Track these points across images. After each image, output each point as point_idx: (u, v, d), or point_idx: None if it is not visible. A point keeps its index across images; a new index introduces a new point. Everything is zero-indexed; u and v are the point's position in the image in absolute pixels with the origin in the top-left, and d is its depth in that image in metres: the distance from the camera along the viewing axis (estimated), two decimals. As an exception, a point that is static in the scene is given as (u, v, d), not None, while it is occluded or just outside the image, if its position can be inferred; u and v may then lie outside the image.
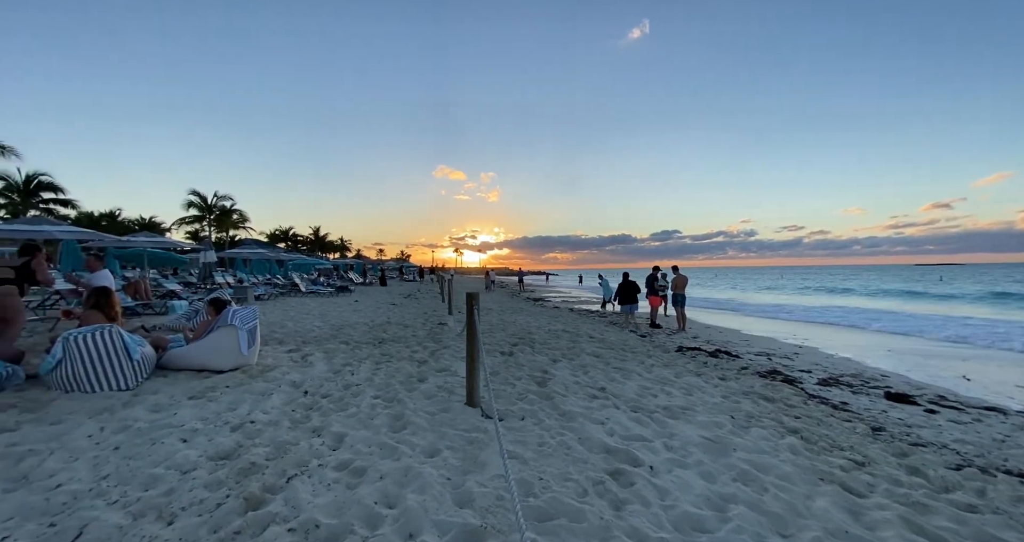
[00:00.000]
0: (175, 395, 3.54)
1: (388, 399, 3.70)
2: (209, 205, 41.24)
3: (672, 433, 3.20)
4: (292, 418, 3.16)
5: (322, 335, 7.05)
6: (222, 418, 3.08)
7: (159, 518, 1.86)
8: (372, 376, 4.48)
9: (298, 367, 4.73)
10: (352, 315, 10.30)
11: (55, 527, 1.76)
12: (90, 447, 2.53)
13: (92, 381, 3.51)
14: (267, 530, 1.79)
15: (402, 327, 8.32)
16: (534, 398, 3.89)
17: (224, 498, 2.03)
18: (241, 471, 2.30)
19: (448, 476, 2.35)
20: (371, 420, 3.18)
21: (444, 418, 3.26)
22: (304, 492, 2.10)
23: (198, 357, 4.34)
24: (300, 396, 3.71)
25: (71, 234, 8.83)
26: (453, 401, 3.66)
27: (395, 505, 2.04)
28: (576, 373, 4.99)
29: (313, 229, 67.93)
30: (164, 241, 13.00)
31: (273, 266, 24.84)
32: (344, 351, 5.72)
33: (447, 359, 5.37)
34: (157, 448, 2.54)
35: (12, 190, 26.99)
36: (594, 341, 7.54)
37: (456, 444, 2.79)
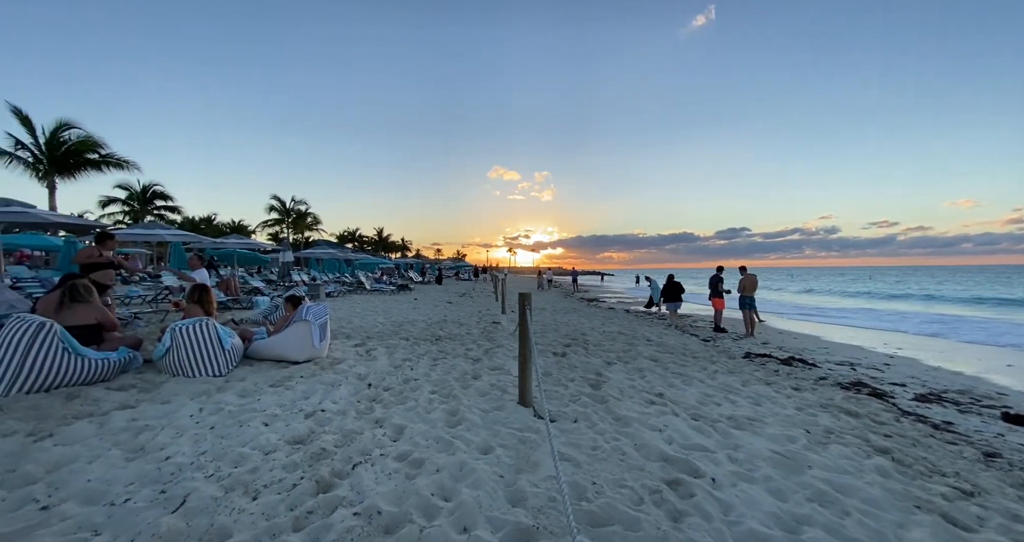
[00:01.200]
0: (258, 383, 3.92)
1: (444, 395, 3.83)
2: (287, 209, 45.19)
3: (737, 445, 3.00)
4: (357, 409, 3.38)
5: (384, 331, 7.46)
6: (297, 406, 3.37)
7: (246, 493, 2.08)
8: (429, 372, 4.66)
9: (363, 361, 5.04)
10: (411, 312, 10.77)
11: (165, 494, 2.03)
12: (191, 425, 2.89)
13: (193, 367, 3.99)
14: (335, 512, 1.93)
15: (457, 325, 8.56)
16: (587, 401, 3.83)
17: (299, 480, 2.22)
18: (313, 456, 2.50)
19: (501, 474, 2.39)
20: (428, 414, 3.31)
21: (497, 416, 3.31)
22: (368, 479, 2.24)
23: (277, 349, 4.77)
24: (364, 388, 3.95)
25: (178, 237, 10.12)
26: (506, 400, 3.71)
27: (451, 498, 2.11)
28: (632, 377, 4.84)
29: (377, 230, 72.03)
30: (250, 243, 14.46)
31: (342, 265, 26.68)
32: (404, 347, 6.01)
33: (500, 358, 5.45)
34: (244, 430, 2.84)
35: (133, 199, 31.42)
36: (652, 344, 7.26)
37: (509, 443, 2.82)
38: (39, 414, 2.92)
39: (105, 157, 20.34)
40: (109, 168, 20.66)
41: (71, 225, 7.32)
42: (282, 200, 44.85)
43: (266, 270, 24.77)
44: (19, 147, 18.56)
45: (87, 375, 3.59)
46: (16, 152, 18.49)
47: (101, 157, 20.20)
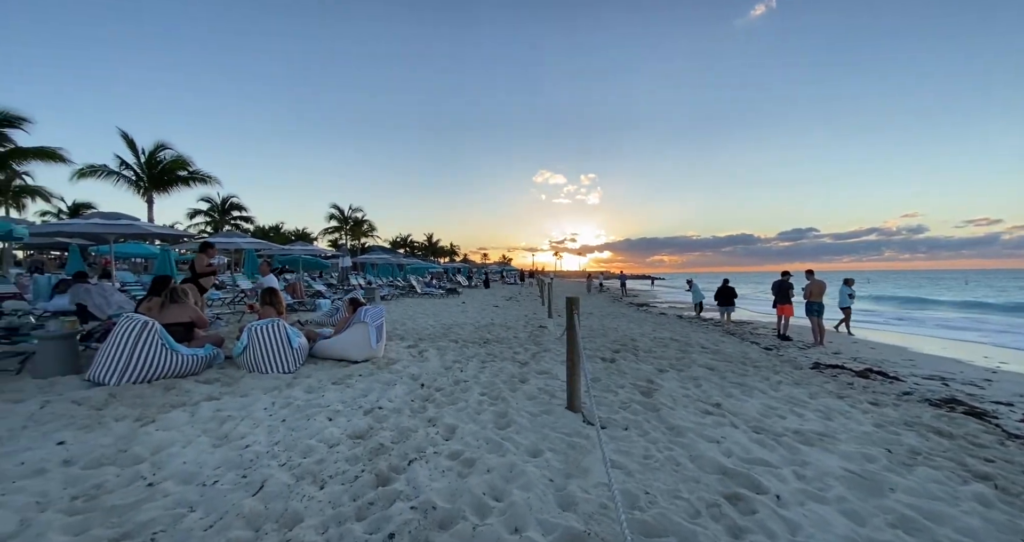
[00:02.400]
0: (322, 380, 4.21)
1: (493, 397, 3.90)
2: (345, 217, 48.01)
3: (805, 461, 2.79)
4: (412, 407, 3.52)
5: (435, 333, 7.70)
6: (357, 403, 3.58)
7: (314, 482, 2.25)
8: (478, 374, 4.76)
9: (416, 362, 5.25)
10: (460, 316, 11.03)
11: (246, 478, 2.24)
12: (266, 418, 3.16)
13: (266, 364, 4.36)
14: (394, 505, 2.04)
15: (504, 328, 8.65)
16: (638, 408, 3.74)
17: (360, 472, 2.36)
18: (372, 450, 2.64)
19: (551, 477, 2.40)
20: (478, 415, 3.39)
21: (545, 420, 3.32)
22: (423, 475, 2.34)
23: (338, 349, 5.09)
24: (418, 388, 4.11)
25: (251, 244, 11.12)
26: (554, 404, 3.70)
27: (501, 498, 2.15)
28: (686, 385, 4.65)
29: (427, 236, 74.48)
30: (313, 249, 15.53)
31: (395, 270, 27.88)
32: (454, 349, 6.17)
33: (547, 362, 5.45)
34: (311, 423, 3.06)
35: (214, 210, 34.86)
36: (707, 352, 6.92)
37: (558, 447, 2.82)
38: (143, 402, 3.34)
39: (192, 173, 22.78)
40: (195, 183, 23.10)
41: (165, 235, 8.29)
42: (340, 208, 47.74)
43: (327, 274, 26.43)
44: (124, 167, 21.28)
45: (180, 369, 4.04)
46: (122, 171, 21.20)
47: (189, 173, 22.65)
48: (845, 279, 10.97)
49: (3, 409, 3.07)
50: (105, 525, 1.81)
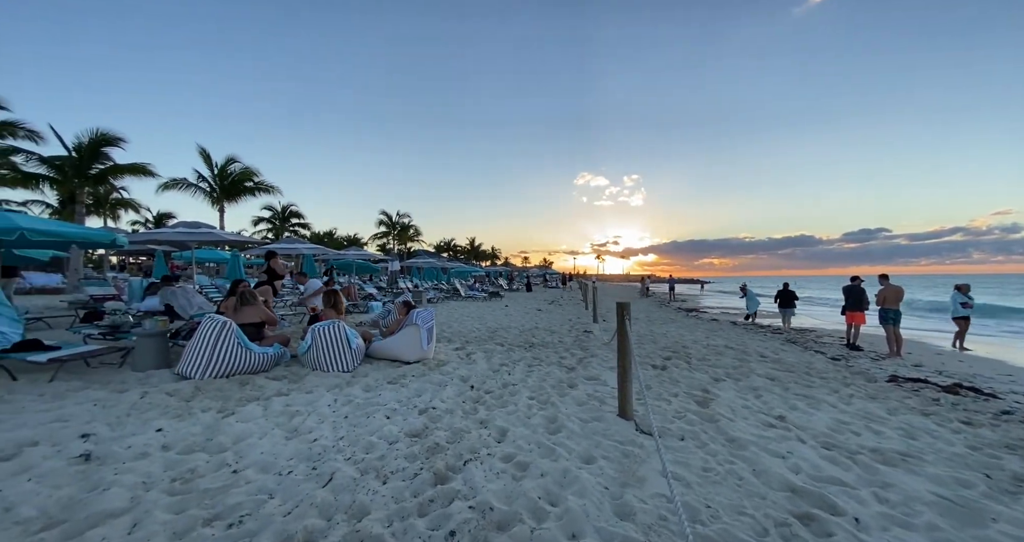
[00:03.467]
0: (379, 379, 4.41)
1: (542, 401, 3.90)
2: (393, 222, 49.96)
3: (886, 483, 2.57)
4: (463, 409, 3.61)
5: (481, 336, 7.83)
6: (412, 402, 3.71)
7: (377, 477, 2.36)
8: (526, 378, 4.78)
9: (464, 364, 5.36)
10: (504, 319, 11.13)
11: (316, 470, 2.40)
12: (330, 414, 3.36)
13: (327, 363, 4.64)
14: (453, 504, 2.10)
15: (549, 333, 8.63)
16: (694, 418, 3.60)
17: (419, 470, 2.45)
18: (429, 449, 2.74)
19: (605, 485, 2.37)
20: (528, 419, 3.41)
21: (597, 427, 3.28)
22: (478, 476, 2.39)
23: (392, 350, 5.31)
24: (467, 390, 4.20)
25: (310, 249, 11.89)
26: (605, 411, 3.65)
27: (557, 504, 2.15)
28: (745, 396, 4.42)
29: (469, 240, 75.83)
30: (365, 254, 16.31)
31: (439, 273, 28.64)
32: (500, 352, 6.24)
33: (595, 368, 5.37)
34: (370, 421, 3.22)
35: (275, 217, 37.48)
36: (767, 361, 6.53)
37: (611, 454, 2.78)
38: (224, 395, 3.66)
39: (257, 184, 24.69)
40: (260, 193, 25.02)
41: (237, 241, 9.05)
42: (388, 214, 49.74)
43: (376, 278, 27.61)
44: (201, 179, 23.46)
45: (253, 366, 4.39)
46: (199, 184, 23.39)
47: (255, 184, 24.57)
48: (957, 285, 9.72)
49: (111, 398, 3.48)
50: (200, 506, 2.00)
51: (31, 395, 3.50)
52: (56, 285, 16.43)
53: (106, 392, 3.63)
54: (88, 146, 16.85)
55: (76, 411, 3.16)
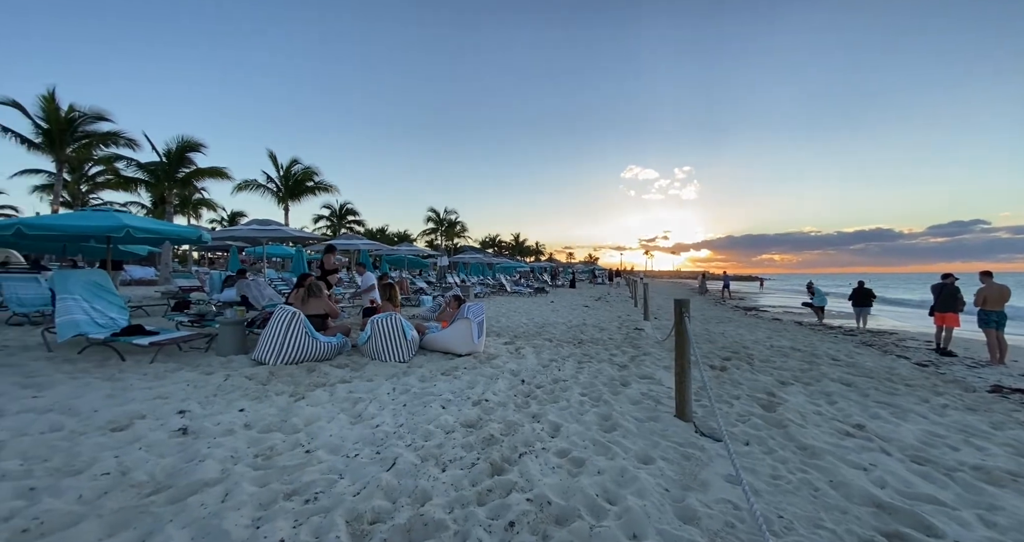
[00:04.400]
0: (433, 370, 4.55)
1: (594, 399, 3.85)
2: (441, 219, 51.27)
3: (993, 505, 2.28)
4: (515, 402, 3.64)
5: (529, 331, 7.85)
6: (465, 394, 3.80)
7: (436, 464, 2.44)
8: (576, 374, 4.73)
9: (514, 358, 5.40)
10: (551, 315, 11.09)
11: (380, 455, 2.52)
12: (389, 401, 3.51)
13: (385, 353, 4.85)
14: (511, 495, 2.12)
15: (598, 329, 8.48)
16: (759, 422, 3.39)
17: (476, 459, 2.51)
18: (484, 440, 2.79)
19: (666, 487, 2.29)
20: (581, 416, 3.37)
21: (653, 427, 3.18)
22: (534, 469, 2.40)
23: (444, 342, 5.45)
24: (519, 384, 4.22)
25: (366, 245, 12.47)
26: (661, 411, 3.53)
27: (615, 502, 2.11)
28: (816, 401, 4.10)
29: (514, 235, 76.17)
30: (416, 249, 16.88)
31: (485, 269, 29.03)
32: (549, 348, 6.22)
33: (649, 366, 5.21)
34: (427, 410, 3.33)
35: (333, 215, 39.74)
36: (840, 365, 6.02)
37: (670, 456, 2.69)
38: (295, 381, 3.94)
39: (317, 184, 26.29)
40: (319, 192, 26.64)
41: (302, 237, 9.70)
42: (436, 211, 51.10)
43: (425, 273, 28.51)
44: (269, 180, 25.34)
45: (319, 354, 4.69)
46: (267, 185, 25.29)
47: (315, 184, 26.19)
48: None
49: (200, 379, 3.87)
50: (280, 481, 2.17)
51: (137, 374, 3.96)
52: (151, 277, 18.50)
53: (196, 374, 4.04)
54: (175, 152, 18.75)
55: (173, 390, 3.54)
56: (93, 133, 17.81)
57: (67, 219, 5.36)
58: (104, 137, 17.93)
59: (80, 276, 5.10)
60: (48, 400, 3.18)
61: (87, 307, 4.85)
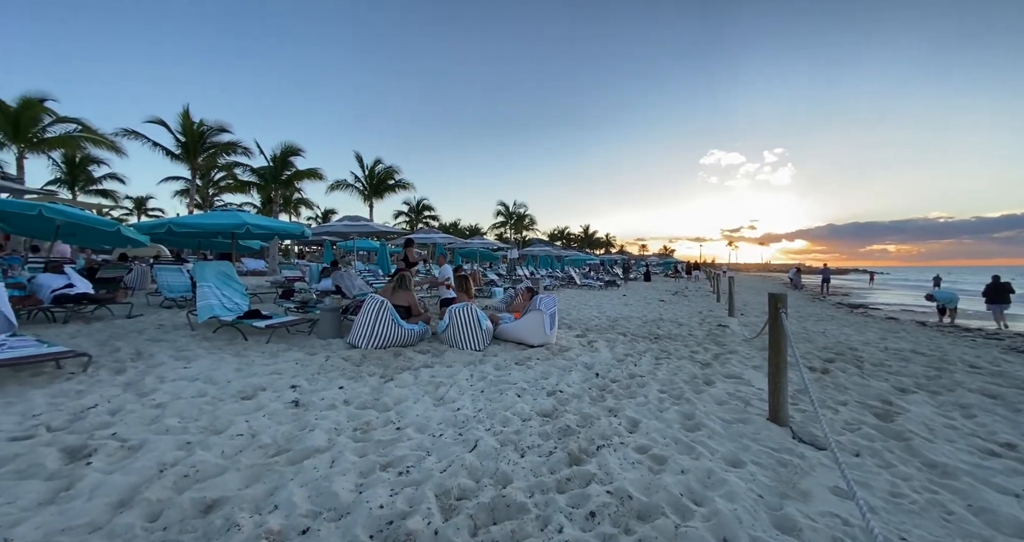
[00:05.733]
0: (507, 360, 4.67)
1: (675, 396, 3.68)
2: (510, 212, 52.00)
3: None
4: (590, 395, 3.61)
5: (601, 325, 7.70)
6: (539, 384, 3.84)
7: (515, 450, 2.51)
8: (654, 370, 4.56)
9: (587, 351, 5.34)
10: (624, 309, 10.76)
11: (462, 437, 2.66)
12: (468, 387, 3.68)
13: (462, 341, 5.08)
14: (590, 486, 2.12)
15: (676, 325, 8.06)
16: (872, 433, 3.01)
17: (553, 448, 2.54)
18: (561, 430, 2.81)
19: (759, 493, 2.13)
20: (661, 413, 3.25)
21: (742, 429, 2.97)
22: (613, 463, 2.37)
23: (517, 333, 5.56)
24: (593, 377, 4.18)
25: (442, 239, 13.10)
26: (751, 413, 3.28)
27: (702, 504, 2.02)
28: (949, 413, 3.52)
29: (583, 227, 74.83)
30: (487, 242, 17.34)
31: (553, 261, 28.92)
32: (623, 342, 6.05)
33: (735, 365, 4.85)
34: (503, 397, 3.43)
35: (412, 211, 42.21)
36: (979, 373, 5.09)
37: (763, 461, 2.49)
38: (384, 364, 4.29)
39: (397, 182, 28.10)
40: (399, 189, 28.43)
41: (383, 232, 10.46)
42: (506, 205, 51.92)
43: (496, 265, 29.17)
44: (356, 180, 27.61)
45: (404, 340, 5.04)
46: (355, 184, 27.58)
47: (396, 182, 28.00)
48: None
49: (306, 359, 4.37)
50: (376, 454, 2.39)
51: (256, 352, 4.58)
52: (262, 268, 21.18)
53: (302, 354, 4.57)
54: (280, 157, 21.18)
55: (285, 367, 4.04)
56: (217, 143, 20.76)
57: (203, 218, 6.34)
58: (226, 146, 20.82)
59: (213, 267, 6.00)
60: (194, 371, 3.82)
61: (219, 293, 5.71)
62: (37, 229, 7.81)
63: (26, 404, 2.92)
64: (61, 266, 6.61)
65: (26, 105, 17.08)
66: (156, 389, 3.30)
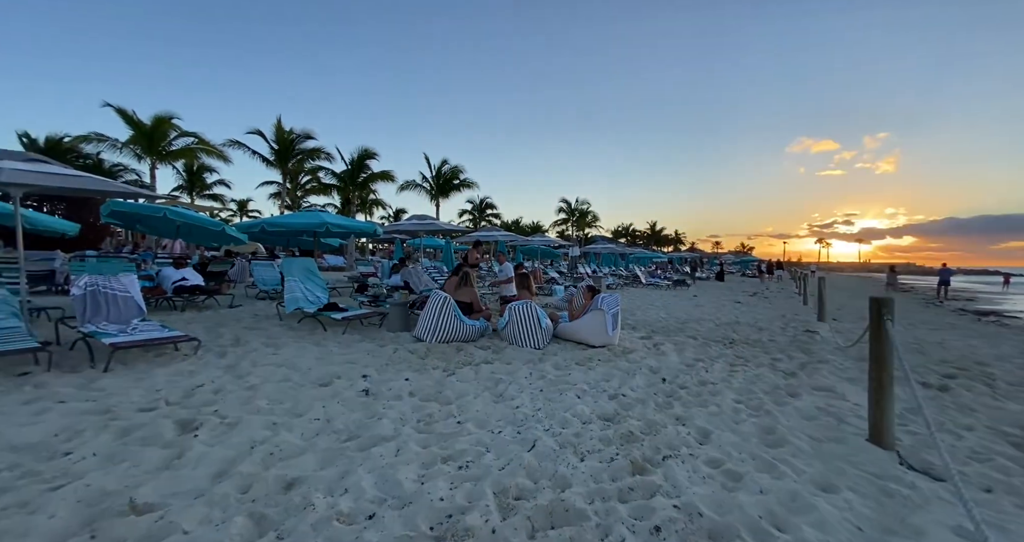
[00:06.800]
0: (567, 359, 4.58)
1: (753, 407, 3.37)
2: (572, 209, 51.33)
3: None
4: (656, 401, 3.41)
5: (669, 327, 7.30)
6: (600, 386, 3.72)
7: (575, 453, 2.44)
8: (728, 377, 4.21)
9: (652, 354, 5.08)
10: (694, 310, 10.12)
11: (520, 435, 2.65)
12: (527, 385, 3.66)
13: (522, 338, 5.08)
14: (654, 497, 2.00)
15: (755, 329, 7.40)
16: (1009, 465, 2.51)
17: (615, 455, 2.43)
18: (623, 436, 2.68)
19: (857, 525, 1.87)
20: (736, 425, 2.99)
21: (835, 450, 2.63)
22: (681, 475, 2.21)
23: (577, 332, 5.44)
24: (658, 382, 3.95)
25: (504, 237, 13.30)
26: (846, 432, 2.90)
27: (785, 530, 1.81)
28: (1119, 450, 2.83)
29: (650, 224, 71.75)
30: (548, 240, 17.27)
31: (617, 259, 28.01)
32: (693, 346, 5.68)
33: (826, 376, 4.33)
34: (563, 397, 3.37)
35: (475, 209, 43.31)
36: None
37: (862, 488, 2.18)
38: (446, 358, 4.42)
39: (462, 181, 28.99)
40: (464, 188, 29.29)
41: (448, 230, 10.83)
42: (568, 202, 51.31)
43: (556, 263, 28.97)
44: (424, 180, 28.92)
45: (465, 335, 5.16)
46: (423, 184, 28.90)
47: (460, 181, 28.90)
48: None
49: (376, 350, 4.64)
50: (438, 445, 2.46)
51: (333, 342, 4.96)
52: (340, 264, 22.97)
53: (373, 345, 4.85)
54: (357, 160, 22.82)
55: (358, 357, 4.32)
56: (304, 149, 22.87)
57: (290, 218, 7.01)
58: (311, 152, 22.91)
59: (298, 263, 6.60)
60: (281, 357, 4.22)
61: (303, 287, 6.27)
62: (163, 229, 9.16)
63: (151, 380, 3.41)
64: (183, 261, 7.68)
65: (158, 123, 20.12)
66: (250, 372, 3.69)
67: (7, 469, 2.05)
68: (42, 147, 20.10)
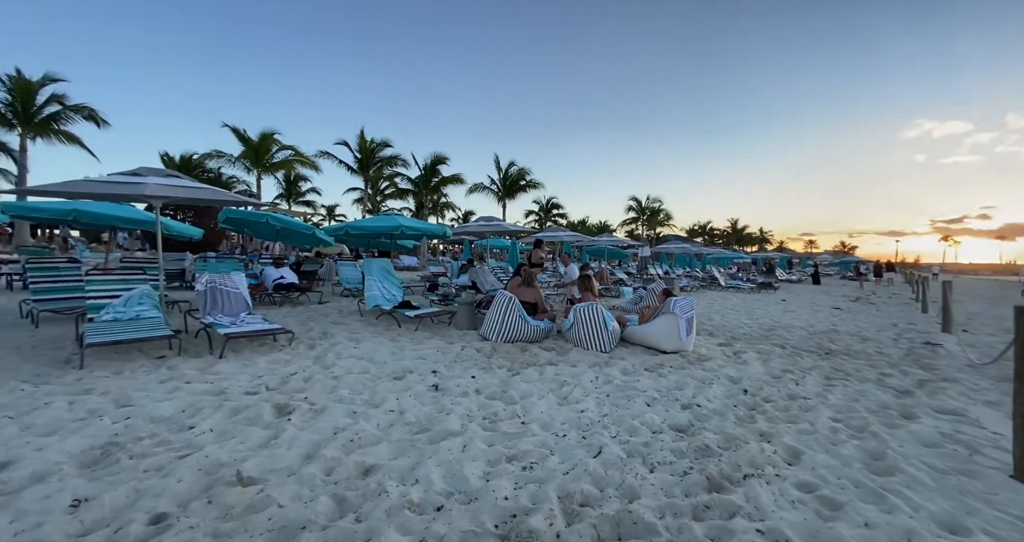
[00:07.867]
0: (635, 364, 4.39)
1: (855, 428, 2.96)
2: (642, 207, 49.24)
3: None
4: (736, 414, 3.14)
5: (752, 334, 6.70)
6: (672, 395, 3.51)
7: (644, 463, 2.33)
8: (824, 392, 3.75)
9: (732, 363, 4.70)
10: (782, 316, 9.18)
11: (585, 440, 2.58)
12: (592, 389, 3.57)
13: (587, 341, 4.97)
14: (734, 519, 1.84)
15: (858, 339, 6.52)
16: None
17: (688, 469, 2.28)
18: (698, 450, 2.51)
19: (996, 582, 1.56)
20: (833, 446, 2.65)
21: (967, 485, 2.22)
22: (765, 497, 2.01)
23: (647, 337, 5.19)
24: (740, 393, 3.64)
25: (569, 237, 13.13)
26: (982, 464, 2.43)
27: (897, 576, 1.56)
28: None
29: (731, 222, 66.53)
30: (615, 240, 16.75)
31: (692, 259, 26.33)
32: (781, 356, 5.15)
33: (953, 397, 3.68)
34: (631, 404, 3.23)
35: (541, 210, 43.37)
36: None
37: (1004, 534, 1.82)
38: (511, 357, 4.46)
39: (528, 182, 29.17)
40: (529, 189, 29.46)
41: (514, 231, 10.96)
42: (638, 199, 49.30)
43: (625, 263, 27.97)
44: (492, 182, 29.60)
45: (529, 335, 5.18)
46: (491, 187, 29.60)
47: (527, 182, 29.11)
48: None
49: (445, 347, 4.82)
50: (503, 445, 2.49)
51: (407, 338, 5.25)
52: (414, 264, 24.33)
53: (442, 342, 5.06)
54: (429, 165, 24.03)
55: (428, 353, 4.53)
56: (383, 157, 24.60)
57: (369, 222, 7.57)
58: (389, 160, 24.59)
59: (377, 263, 7.10)
60: (361, 351, 4.56)
61: (381, 286, 6.73)
62: (265, 233, 10.38)
63: (255, 367, 3.88)
64: (282, 261, 8.66)
65: (263, 138, 22.90)
66: (335, 364, 4.03)
67: (148, 437, 2.45)
68: (177, 164, 23.84)
